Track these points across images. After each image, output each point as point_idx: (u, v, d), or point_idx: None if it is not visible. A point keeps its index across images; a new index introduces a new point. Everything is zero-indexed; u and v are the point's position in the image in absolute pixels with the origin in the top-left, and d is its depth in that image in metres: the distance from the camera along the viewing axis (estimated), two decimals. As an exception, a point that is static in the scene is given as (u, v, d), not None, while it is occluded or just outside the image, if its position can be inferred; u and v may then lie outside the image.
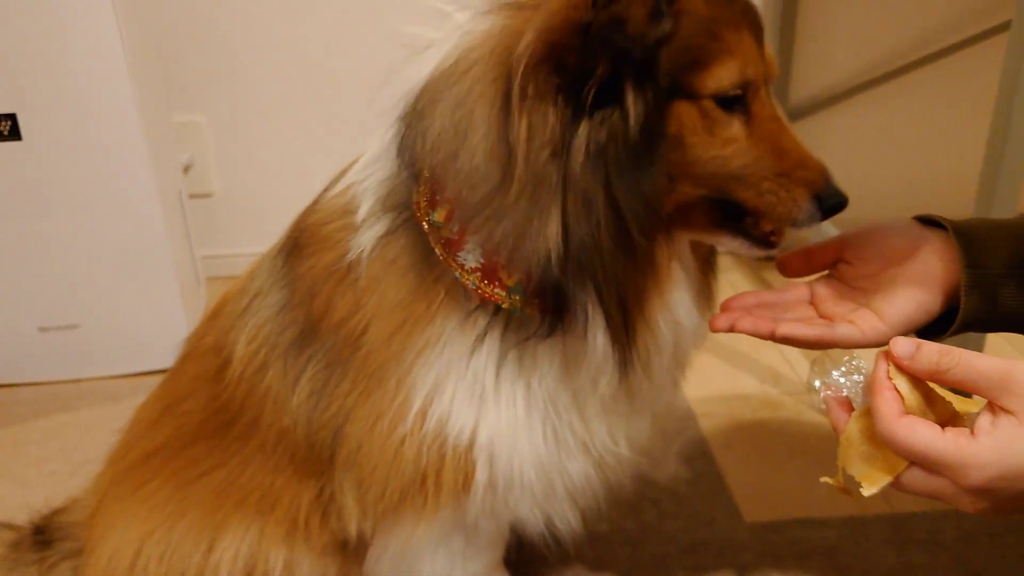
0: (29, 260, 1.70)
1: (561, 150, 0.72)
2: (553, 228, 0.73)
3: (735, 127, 0.77)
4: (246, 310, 0.98)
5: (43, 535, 1.15)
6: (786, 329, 0.87)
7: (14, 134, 1.59)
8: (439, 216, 0.82)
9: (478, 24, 0.78)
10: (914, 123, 2.20)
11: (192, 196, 1.97)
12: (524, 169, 0.72)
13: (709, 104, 0.75)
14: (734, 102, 0.76)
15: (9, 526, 1.19)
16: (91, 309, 1.76)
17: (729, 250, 0.86)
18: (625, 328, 0.79)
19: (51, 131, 1.60)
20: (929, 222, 0.93)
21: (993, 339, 1.65)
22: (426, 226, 0.83)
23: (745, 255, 0.89)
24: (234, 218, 2.15)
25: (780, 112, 0.80)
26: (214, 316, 1.05)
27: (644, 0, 0.69)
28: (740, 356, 1.82)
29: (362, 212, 0.88)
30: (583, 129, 0.72)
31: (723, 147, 0.77)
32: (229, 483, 0.99)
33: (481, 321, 0.84)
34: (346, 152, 0.99)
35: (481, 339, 0.84)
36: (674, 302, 0.83)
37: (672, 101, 0.74)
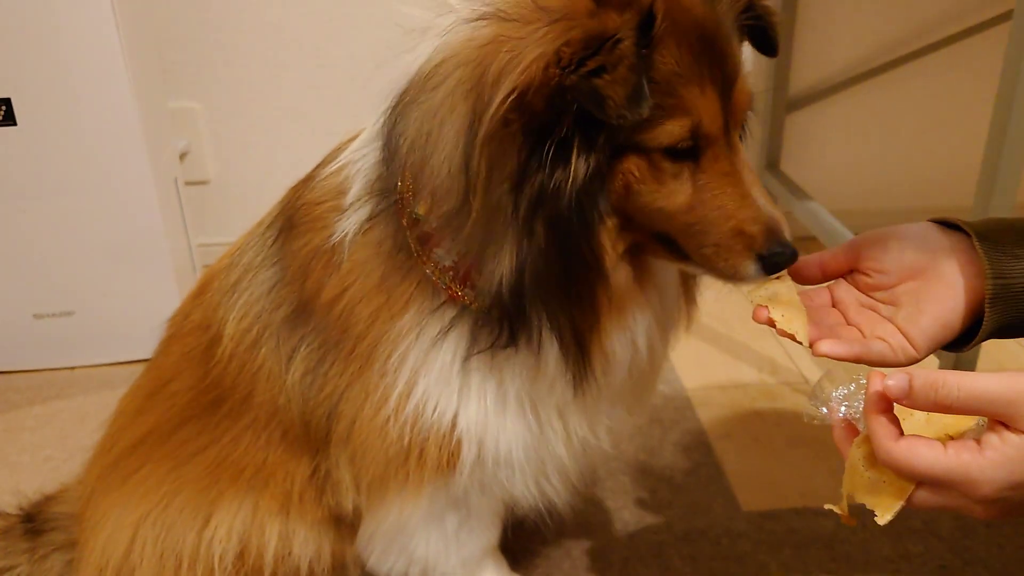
0: (23, 246, 1.69)
1: (517, 186, 0.72)
2: (507, 258, 0.75)
3: (683, 180, 0.77)
4: (236, 286, 0.98)
5: (33, 523, 1.14)
6: (825, 348, 0.82)
7: (9, 119, 1.58)
8: (421, 209, 0.82)
9: (463, 30, 0.76)
10: (915, 113, 2.19)
11: (188, 183, 1.96)
12: (482, 200, 0.73)
13: (658, 156, 0.75)
14: (684, 153, 0.76)
15: (-1, 513, 1.18)
16: (86, 296, 1.75)
17: (699, 275, 0.87)
18: (579, 351, 0.81)
19: (46, 116, 1.59)
20: (946, 224, 0.88)
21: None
22: (404, 221, 0.84)
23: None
24: (230, 206, 2.14)
25: (740, 163, 0.79)
26: (199, 293, 1.05)
27: (626, 80, 0.68)
28: (738, 346, 1.82)
29: (351, 195, 0.89)
30: (535, 174, 0.72)
31: (667, 199, 0.77)
32: (222, 460, 0.99)
33: (447, 316, 0.85)
34: (342, 139, 0.98)
35: (445, 334, 0.85)
36: (634, 327, 0.84)
37: (622, 156, 0.75)
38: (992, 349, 1.10)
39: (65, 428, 1.60)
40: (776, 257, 0.78)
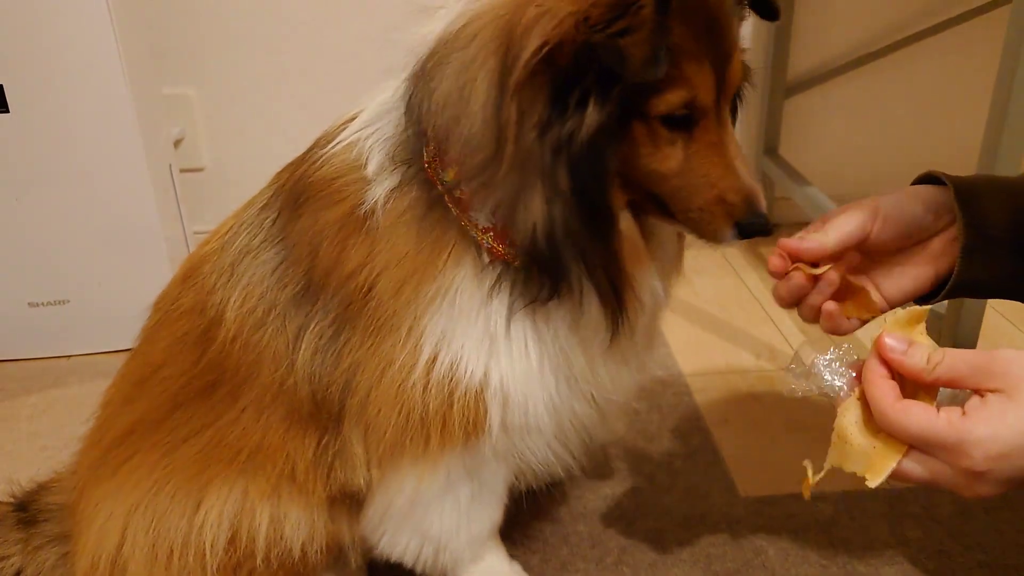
0: (17, 234, 1.68)
1: (543, 133, 0.78)
2: (537, 204, 0.80)
3: (676, 147, 0.84)
4: (233, 269, 0.97)
5: (26, 512, 1.12)
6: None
7: (1, 106, 1.57)
8: (449, 175, 0.86)
9: None
10: (914, 97, 2.19)
11: (182, 170, 1.94)
12: (513, 147, 0.78)
13: (656, 123, 0.82)
14: (679, 122, 0.82)
15: (-9, 502, 1.16)
16: (81, 284, 1.74)
17: (686, 232, 0.92)
18: (615, 297, 0.86)
19: (39, 103, 1.58)
20: (928, 179, 0.97)
21: (990, 314, 1.64)
22: (440, 186, 0.87)
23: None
24: (225, 192, 2.10)
25: (727, 135, 0.85)
26: (185, 279, 1.03)
27: (646, 42, 0.74)
28: (736, 331, 1.82)
29: (373, 166, 0.90)
30: (557, 122, 0.78)
31: (661, 163, 0.84)
32: (215, 444, 0.98)
33: (495, 272, 0.88)
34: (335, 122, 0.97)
35: (495, 289, 0.88)
36: (651, 275, 0.92)
37: (629, 118, 0.80)
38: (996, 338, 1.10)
39: (61, 417, 1.59)
40: (752, 227, 0.85)
